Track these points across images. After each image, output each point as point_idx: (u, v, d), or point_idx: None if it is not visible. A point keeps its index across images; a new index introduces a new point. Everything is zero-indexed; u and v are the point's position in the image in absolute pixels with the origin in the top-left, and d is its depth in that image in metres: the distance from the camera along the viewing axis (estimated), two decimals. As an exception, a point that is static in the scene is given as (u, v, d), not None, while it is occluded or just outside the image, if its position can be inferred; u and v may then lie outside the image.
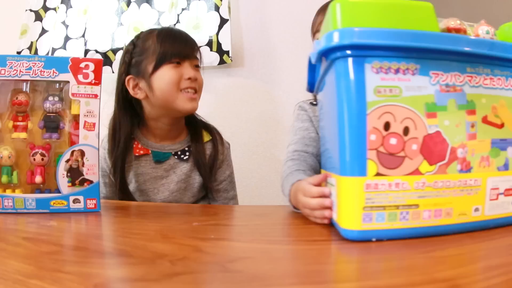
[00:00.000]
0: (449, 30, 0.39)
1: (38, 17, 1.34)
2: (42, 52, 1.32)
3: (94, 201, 0.51)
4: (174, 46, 0.72)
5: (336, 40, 0.34)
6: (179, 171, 0.76)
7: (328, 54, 0.35)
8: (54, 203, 0.50)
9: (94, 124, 0.52)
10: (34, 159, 0.51)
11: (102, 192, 0.74)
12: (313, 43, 0.47)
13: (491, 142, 0.37)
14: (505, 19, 0.44)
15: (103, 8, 1.28)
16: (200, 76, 0.77)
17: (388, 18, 0.36)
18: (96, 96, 0.52)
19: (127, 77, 0.73)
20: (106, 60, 1.24)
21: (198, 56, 0.77)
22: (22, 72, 0.50)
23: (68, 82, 0.52)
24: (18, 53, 1.32)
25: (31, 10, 1.33)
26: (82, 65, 0.51)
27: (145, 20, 1.26)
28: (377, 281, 0.25)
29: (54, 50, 1.29)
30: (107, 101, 0.74)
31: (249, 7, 1.24)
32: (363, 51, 0.34)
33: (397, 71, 0.34)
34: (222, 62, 1.16)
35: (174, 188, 0.76)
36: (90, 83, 0.52)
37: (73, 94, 0.51)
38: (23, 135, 0.51)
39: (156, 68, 0.71)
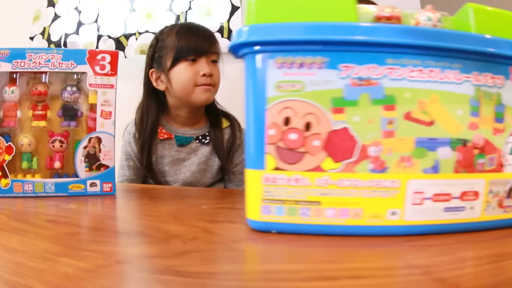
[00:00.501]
0: (378, 18, 0.37)
1: (51, 3, 1.42)
2: (55, 37, 1.39)
3: (110, 185, 0.57)
4: (190, 42, 0.78)
5: (237, 37, 0.35)
6: (200, 153, 0.84)
7: (235, 51, 0.36)
8: (72, 186, 0.56)
9: (110, 112, 0.57)
10: (53, 146, 0.56)
11: (126, 175, 0.85)
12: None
13: (415, 141, 0.34)
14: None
15: None
16: (216, 71, 0.83)
17: (305, 10, 0.35)
18: (112, 86, 0.57)
19: (151, 70, 0.83)
20: (119, 45, 1.31)
21: (216, 50, 0.82)
22: (41, 64, 0.54)
23: (85, 73, 0.56)
24: (31, 38, 1.40)
25: None
26: (99, 57, 0.56)
27: (157, 6, 1.30)
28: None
29: (67, 35, 1.37)
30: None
31: None
32: (268, 46, 0.34)
33: (301, 65, 0.34)
34: None
35: (195, 169, 0.84)
36: (106, 74, 0.56)
37: (90, 85, 0.56)
38: (42, 123, 0.56)
39: (173, 64, 0.79)
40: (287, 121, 0.34)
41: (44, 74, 0.57)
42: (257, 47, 0.34)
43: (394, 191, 0.34)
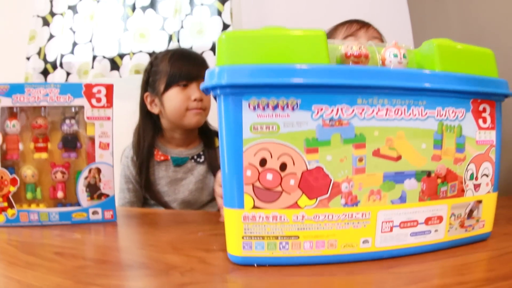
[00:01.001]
0: (347, 57, 0.38)
1: (46, 23, 1.41)
2: (50, 57, 1.40)
3: (111, 212, 0.59)
4: (182, 68, 0.82)
5: (210, 79, 0.36)
6: (196, 172, 0.87)
7: (208, 91, 0.37)
8: (75, 215, 0.57)
9: (108, 144, 0.58)
10: (56, 177, 0.58)
11: (126, 197, 0.87)
12: None
13: (383, 176, 0.37)
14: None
15: (108, 13, 1.35)
16: (207, 95, 0.84)
17: (275, 50, 0.36)
18: (108, 118, 0.58)
19: (145, 94, 0.86)
20: (114, 65, 1.32)
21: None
22: (40, 98, 0.56)
23: (82, 106, 0.57)
24: (28, 58, 1.40)
25: (38, 16, 1.41)
26: (95, 90, 0.57)
27: (150, 25, 1.32)
28: None
29: (62, 55, 1.38)
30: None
31: (251, 11, 1.27)
32: (240, 89, 0.35)
33: (275, 107, 0.35)
34: None
35: (193, 188, 0.86)
36: (103, 107, 0.58)
37: (88, 117, 0.58)
38: (44, 155, 0.58)
39: (166, 88, 0.82)
40: (263, 162, 0.35)
41: (43, 108, 0.58)
42: (226, 89, 0.35)
43: (365, 222, 0.37)
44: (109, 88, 0.58)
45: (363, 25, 0.79)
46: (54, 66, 1.38)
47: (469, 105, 0.40)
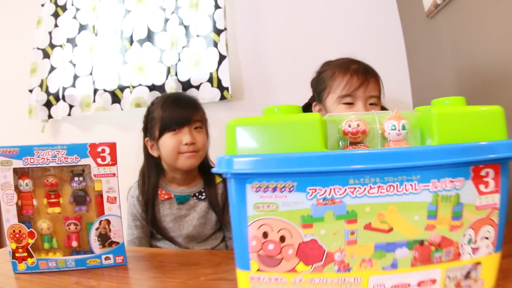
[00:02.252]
0: (345, 133, 0.42)
1: (46, 55, 1.52)
2: (52, 89, 1.51)
3: (122, 257, 0.70)
4: (173, 114, 0.91)
5: (219, 166, 0.42)
6: (199, 209, 0.99)
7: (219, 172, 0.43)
8: (89, 261, 0.69)
9: (115, 197, 0.69)
10: (69, 228, 0.70)
11: (134, 233, 1.00)
12: None
13: (374, 246, 0.41)
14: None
15: (107, 46, 1.45)
16: (200, 137, 0.94)
17: (278, 142, 0.41)
18: (114, 174, 0.69)
19: (146, 139, 0.99)
20: (115, 97, 1.43)
21: (199, 118, 0.89)
22: (49, 159, 0.66)
23: (89, 165, 0.68)
24: (30, 91, 1.51)
25: (38, 48, 1.52)
26: (99, 149, 0.68)
27: (148, 59, 1.41)
28: None
29: (64, 88, 1.49)
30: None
31: (246, 41, 1.32)
32: (244, 175, 0.41)
33: (274, 189, 0.41)
34: (222, 97, 1.28)
35: (196, 223, 0.98)
36: (108, 165, 0.68)
37: (95, 175, 0.68)
38: (57, 209, 0.69)
39: (160, 134, 0.94)
40: (265, 234, 0.42)
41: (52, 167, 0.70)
42: (235, 175, 0.41)
43: (357, 285, 0.42)
44: (113, 147, 0.68)
45: (363, 80, 0.81)
46: (57, 98, 1.49)
47: (469, 172, 0.42)
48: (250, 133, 0.44)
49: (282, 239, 0.45)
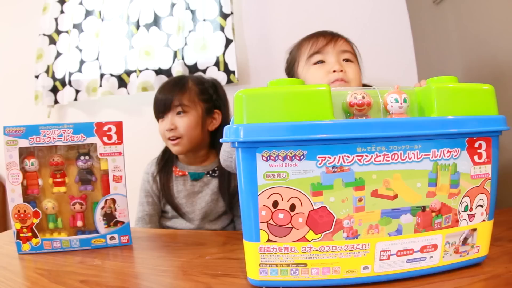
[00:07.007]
0: (351, 105, 0.43)
1: (52, 41, 1.50)
2: (59, 75, 1.49)
3: (127, 237, 0.69)
4: (157, 101, 0.94)
5: (229, 135, 0.42)
6: (212, 185, 1.00)
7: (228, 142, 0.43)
8: (94, 241, 0.67)
9: (121, 176, 0.68)
10: (74, 208, 0.68)
11: (145, 210, 1.00)
12: None
13: (380, 212, 0.42)
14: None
15: (113, 31, 1.44)
16: (182, 122, 0.93)
17: (287, 110, 0.42)
18: (120, 153, 0.68)
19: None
20: (121, 82, 1.41)
21: (180, 102, 0.89)
22: (55, 138, 0.65)
23: (95, 143, 0.67)
24: (36, 77, 1.49)
25: (44, 35, 1.50)
26: (106, 128, 0.67)
27: (155, 43, 1.40)
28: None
29: (70, 74, 1.47)
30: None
31: (253, 25, 1.32)
32: (254, 144, 0.41)
33: (284, 157, 0.41)
34: (229, 81, 1.27)
35: (208, 199, 0.98)
36: (114, 143, 0.67)
37: (101, 154, 0.67)
38: (62, 189, 0.68)
39: (157, 120, 0.99)
40: (275, 204, 0.42)
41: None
42: (245, 144, 0.41)
43: (365, 251, 0.43)
44: (119, 126, 0.67)
45: (330, 39, 0.78)
46: (63, 84, 1.48)
47: (464, 143, 0.44)
48: (259, 103, 0.44)
49: (292, 208, 0.45)
